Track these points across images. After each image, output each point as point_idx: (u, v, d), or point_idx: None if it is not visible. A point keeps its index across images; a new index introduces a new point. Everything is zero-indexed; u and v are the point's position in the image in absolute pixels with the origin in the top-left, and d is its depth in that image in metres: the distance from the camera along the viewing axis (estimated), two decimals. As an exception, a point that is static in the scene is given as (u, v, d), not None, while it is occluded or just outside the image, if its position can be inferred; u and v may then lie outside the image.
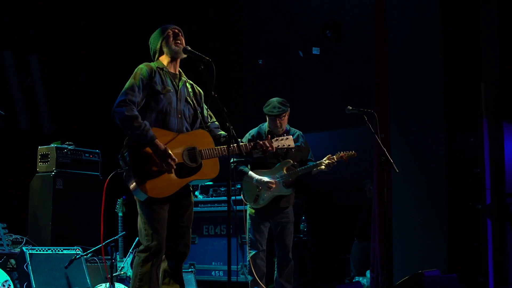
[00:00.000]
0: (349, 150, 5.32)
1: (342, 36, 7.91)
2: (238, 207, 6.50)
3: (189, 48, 4.02)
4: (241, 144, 3.99)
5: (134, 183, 3.77)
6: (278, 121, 5.28)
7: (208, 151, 3.94)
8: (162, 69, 4.04)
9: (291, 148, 4.29)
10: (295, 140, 5.39)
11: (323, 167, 5.25)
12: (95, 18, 8.37)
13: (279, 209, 5.31)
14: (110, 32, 8.46)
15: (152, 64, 4.04)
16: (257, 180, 5.25)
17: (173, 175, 3.84)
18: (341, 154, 5.26)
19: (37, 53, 7.93)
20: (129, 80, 3.92)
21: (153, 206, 3.85)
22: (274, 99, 5.34)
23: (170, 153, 3.80)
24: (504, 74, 6.29)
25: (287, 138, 4.24)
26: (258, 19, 8.76)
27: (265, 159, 5.26)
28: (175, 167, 3.83)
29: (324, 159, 5.28)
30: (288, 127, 5.45)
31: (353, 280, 7.03)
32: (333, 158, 5.25)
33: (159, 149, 3.78)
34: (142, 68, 3.96)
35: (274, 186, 5.22)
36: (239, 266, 6.62)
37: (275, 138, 4.19)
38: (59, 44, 8.09)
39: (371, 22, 6.62)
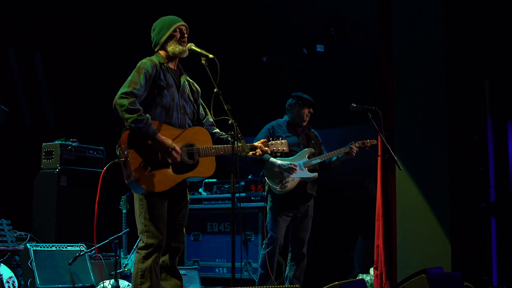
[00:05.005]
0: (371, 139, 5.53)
1: (347, 33, 7.90)
2: (242, 204, 6.51)
3: (193, 46, 4.00)
4: (243, 144, 3.97)
5: (131, 177, 3.75)
6: (307, 111, 5.46)
7: (205, 150, 3.93)
8: (163, 64, 4.00)
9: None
10: (315, 137, 5.53)
11: (353, 149, 5.40)
12: (99, 15, 8.36)
13: (304, 197, 5.37)
14: (113, 29, 8.46)
15: (155, 59, 3.99)
16: (279, 165, 5.28)
17: (170, 171, 3.83)
18: (363, 141, 5.46)
19: (41, 50, 7.93)
20: (132, 73, 3.87)
21: (154, 203, 3.83)
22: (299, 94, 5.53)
23: (175, 146, 3.80)
24: (508, 72, 6.27)
25: (282, 143, 4.24)
26: (262, 16, 8.74)
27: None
28: (179, 159, 3.82)
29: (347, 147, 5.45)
30: None
31: (357, 278, 7.02)
32: (359, 143, 5.46)
33: (163, 142, 3.77)
34: (146, 63, 3.92)
35: (296, 169, 5.26)
36: (243, 263, 6.62)
37: (271, 142, 4.20)
38: (63, 40, 8.08)
39: (375, 19, 6.59)
